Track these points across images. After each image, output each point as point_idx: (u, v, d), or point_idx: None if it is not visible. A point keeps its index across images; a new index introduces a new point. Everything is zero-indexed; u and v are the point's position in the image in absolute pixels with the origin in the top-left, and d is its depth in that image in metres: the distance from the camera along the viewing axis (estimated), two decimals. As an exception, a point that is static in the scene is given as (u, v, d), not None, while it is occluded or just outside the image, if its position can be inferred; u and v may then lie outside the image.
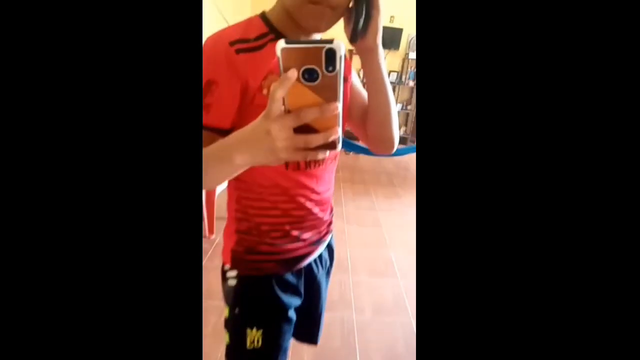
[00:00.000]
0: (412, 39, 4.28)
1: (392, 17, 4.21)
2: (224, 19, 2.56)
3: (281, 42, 0.30)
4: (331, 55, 0.30)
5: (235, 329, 0.64)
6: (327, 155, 0.35)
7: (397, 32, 4.18)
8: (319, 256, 0.70)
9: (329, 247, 0.74)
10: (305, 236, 0.63)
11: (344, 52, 0.31)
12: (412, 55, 4.25)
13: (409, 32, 4.25)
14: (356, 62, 0.73)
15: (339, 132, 0.34)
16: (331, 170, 0.65)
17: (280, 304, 0.63)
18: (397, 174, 3.42)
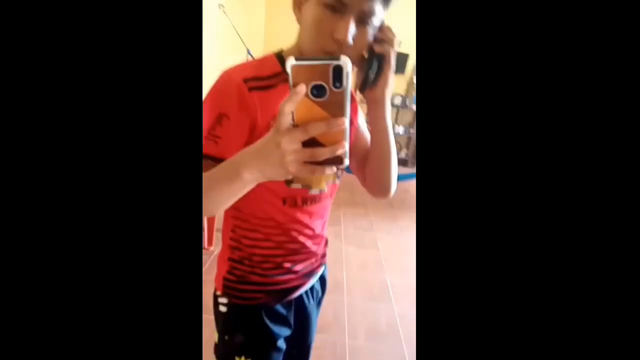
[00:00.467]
0: (418, 64, 4.38)
1: (399, 42, 4.32)
2: (239, 37, 2.64)
3: (291, 59, 0.32)
4: (338, 71, 0.32)
5: (224, 356, 0.65)
6: (334, 170, 0.37)
7: (404, 57, 4.29)
8: (311, 288, 0.71)
9: (322, 278, 0.75)
10: (297, 268, 0.65)
11: (351, 68, 0.33)
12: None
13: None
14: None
15: (345, 147, 0.35)
16: (327, 207, 0.66)
17: (269, 334, 0.64)
18: (396, 196, 3.41)
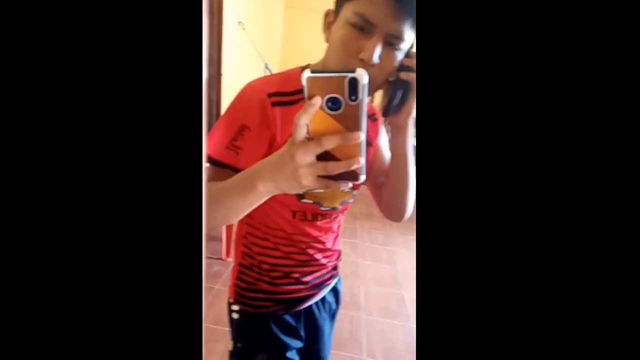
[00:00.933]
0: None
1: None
2: (258, 52, 2.72)
3: (307, 72, 0.32)
4: (354, 84, 0.31)
5: None
6: (349, 186, 0.36)
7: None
8: (322, 299, 0.70)
9: (335, 290, 0.74)
10: (306, 279, 0.65)
11: (367, 81, 0.32)
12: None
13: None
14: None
15: (361, 162, 0.33)
16: (339, 222, 0.66)
17: (279, 344, 0.64)
18: (413, 210, 3.38)
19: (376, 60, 0.46)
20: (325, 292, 0.70)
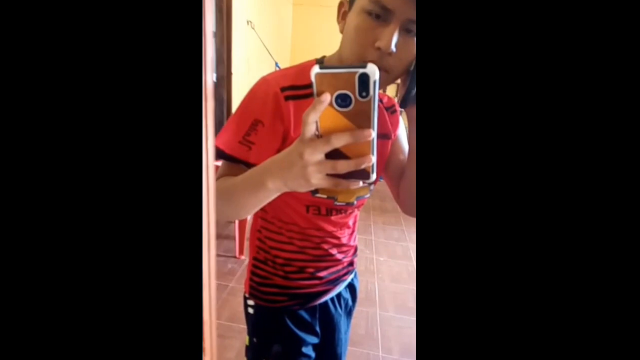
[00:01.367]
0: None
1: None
2: (267, 51, 2.72)
3: (315, 67, 0.30)
4: (365, 80, 0.30)
5: (253, 359, 0.65)
6: (359, 185, 0.34)
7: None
8: (338, 295, 0.69)
9: (351, 286, 0.73)
10: (321, 274, 0.63)
11: (378, 77, 0.30)
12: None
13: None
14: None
15: (372, 160, 0.32)
16: (354, 218, 0.65)
17: (294, 339, 0.63)
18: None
19: (394, 48, 0.43)
20: (341, 288, 0.69)
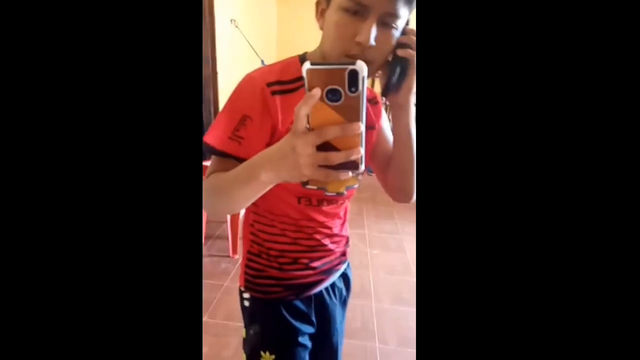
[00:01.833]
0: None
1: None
2: (252, 49, 2.70)
3: (307, 64, 0.32)
4: (354, 76, 0.32)
5: (250, 351, 0.66)
6: (349, 175, 0.36)
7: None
8: (332, 285, 0.70)
9: (345, 276, 0.74)
10: (314, 264, 0.64)
11: (366, 73, 0.32)
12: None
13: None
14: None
15: (361, 152, 0.34)
16: (345, 208, 0.66)
17: (290, 329, 0.64)
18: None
19: (373, 42, 0.45)
20: (334, 277, 0.70)
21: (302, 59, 0.56)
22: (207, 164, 0.55)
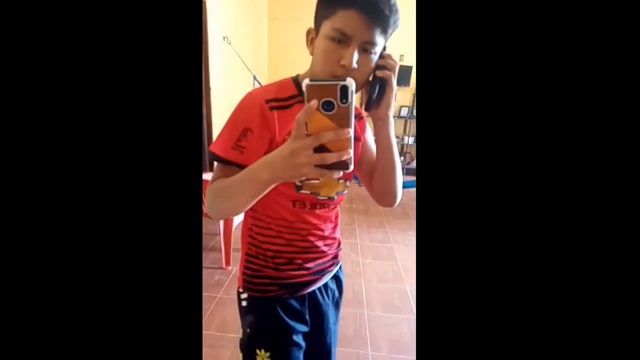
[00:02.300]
0: (421, 75, 4.45)
1: (401, 56, 4.42)
2: (245, 65, 2.77)
3: (307, 80, 0.39)
4: (345, 90, 0.39)
5: (247, 349, 0.70)
6: (341, 175, 0.42)
7: (407, 70, 4.35)
8: (325, 286, 0.75)
9: (337, 278, 0.78)
10: (308, 265, 0.69)
11: (355, 88, 0.39)
12: (422, 90, 4.41)
13: (419, 69, 4.43)
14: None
15: (350, 153, 0.41)
16: (335, 213, 0.72)
17: (285, 327, 0.68)
18: (412, 206, 3.41)
19: (355, 65, 0.53)
20: (327, 278, 0.74)
21: (295, 80, 0.64)
22: (206, 177, 0.60)
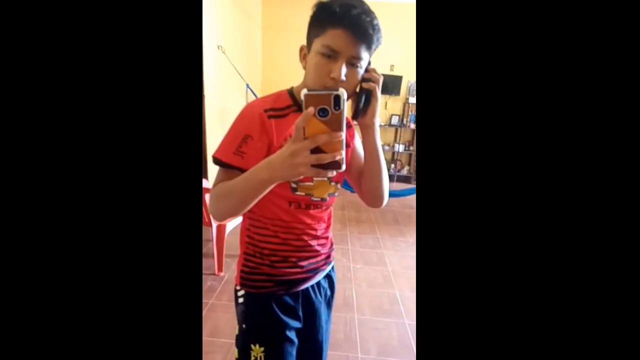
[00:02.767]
0: (411, 85, 4.57)
1: (392, 66, 4.54)
2: (239, 73, 2.82)
3: (304, 90, 0.45)
4: (337, 99, 0.45)
5: (242, 345, 0.74)
6: (334, 174, 0.48)
7: (398, 80, 4.48)
8: (318, 284, 0.80)
9: (329, 278, 0.83)
10: (302, 263, 0.75)
11: (346, 97, 0.46)
12: (412, 100, 4.51)
13: (408, 79, 4.55)
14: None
15: (342, 154, 0.47)
16: (328, 214, 0.78)
17: (279, 323, 0.73)
18: (402, 212, 3.48)
19: (343, 77, 0.60)
20: (320, 277, 0.80)
21: (290, 92, 0.70)
22: (206, 185, 0.64)
